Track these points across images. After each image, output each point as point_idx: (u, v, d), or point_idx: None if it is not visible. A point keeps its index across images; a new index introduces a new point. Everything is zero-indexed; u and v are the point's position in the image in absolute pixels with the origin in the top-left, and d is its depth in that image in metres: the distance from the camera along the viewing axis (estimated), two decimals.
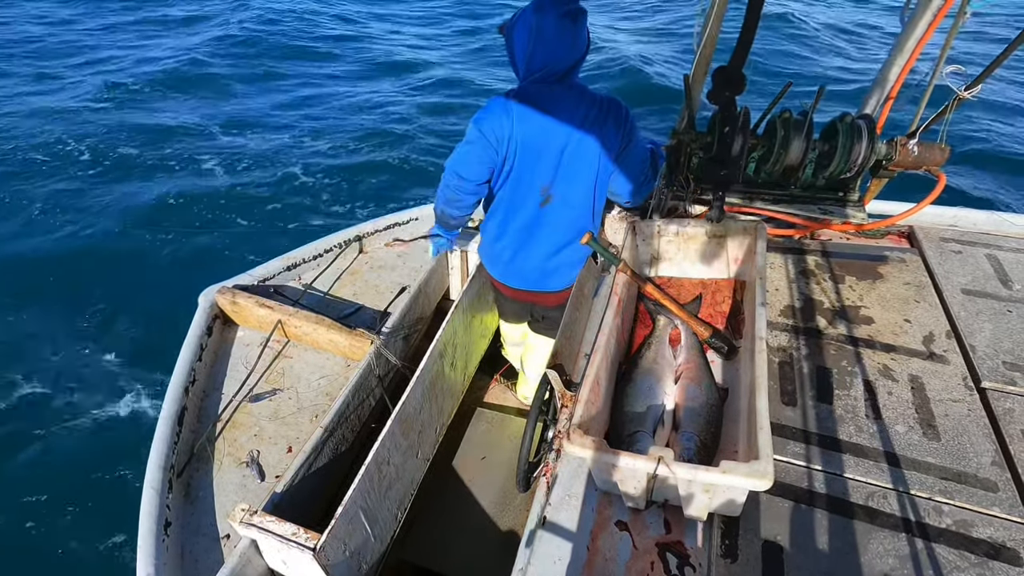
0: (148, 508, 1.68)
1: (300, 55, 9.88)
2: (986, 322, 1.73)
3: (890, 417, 1.46)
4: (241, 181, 6.04)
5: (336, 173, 6.14)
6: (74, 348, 4.11)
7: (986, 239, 2.13)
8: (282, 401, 2.11)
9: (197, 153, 6.54)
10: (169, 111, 7.56)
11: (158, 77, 8.56)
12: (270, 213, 5.55)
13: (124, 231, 5.26)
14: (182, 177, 6.10)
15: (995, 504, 1.25)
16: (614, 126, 1.70)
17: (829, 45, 9.39)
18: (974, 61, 7.83)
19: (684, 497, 1.21)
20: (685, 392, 1.50)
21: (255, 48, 9.94)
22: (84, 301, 4.49)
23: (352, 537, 1.65)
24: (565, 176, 1.75)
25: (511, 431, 2.57)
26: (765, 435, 1.13)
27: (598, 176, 1.76)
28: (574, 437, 1.19)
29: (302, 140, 6.86)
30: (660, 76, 8.40)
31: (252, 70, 9.10)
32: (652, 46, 9.93)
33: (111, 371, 3.97)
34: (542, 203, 1.78)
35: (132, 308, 4.43)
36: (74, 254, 4.91)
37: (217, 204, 5.67)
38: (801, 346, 1.69)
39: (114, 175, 6.08)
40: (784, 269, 2.01)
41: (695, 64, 2.03)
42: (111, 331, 4.26)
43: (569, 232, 1.88)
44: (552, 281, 2.00)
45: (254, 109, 7.74)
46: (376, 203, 5.69)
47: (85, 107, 7.57)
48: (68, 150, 6.49)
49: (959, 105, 1.85)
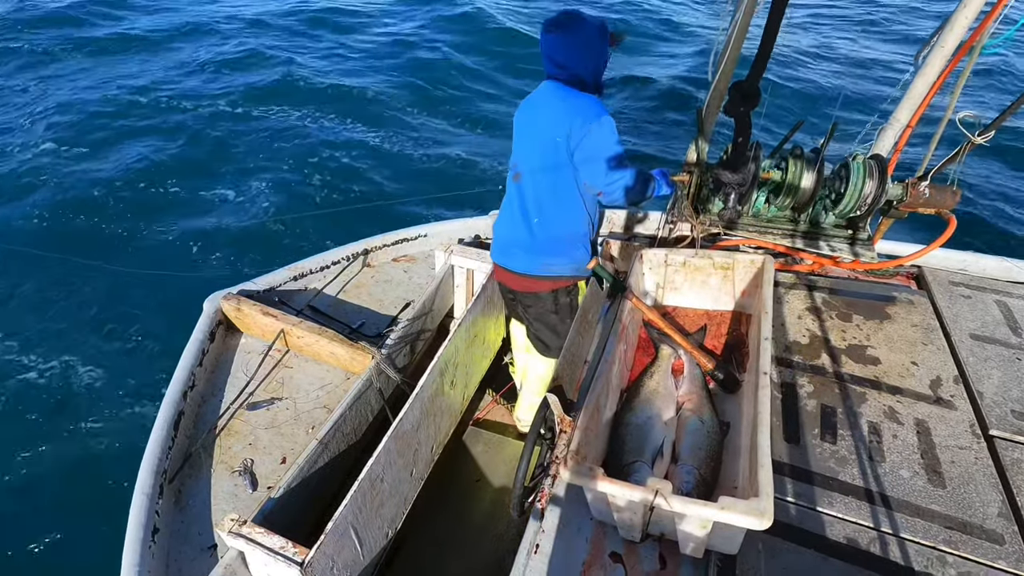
0: (137, 513, 1.66)
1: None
2: (995, 369, 1.71)
3: (895, 461, 1.43)
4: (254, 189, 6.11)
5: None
6: (75, 348, 4.12)
7: (996, 285, 2.12)
8: (279, 411, 2.09)
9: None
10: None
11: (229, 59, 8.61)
12: (277, 222, 5.59)
13: (129, 230, 5.32)
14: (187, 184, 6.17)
15: (1001, 557, 1.21)
16: (568, 117, 1.77)
17: (836, 74, 9.47)
18: (989, 105, 7.90)
19: (680, 532, 1.18)
20: (686, 424, 1.48)
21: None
22: (86, 301, 4.51)
23: (341, 554, 1.62)
24: (525, 154, 1.92)
25: (507, 453, 2.54)
26: (766, 472, 1.11)
27: (547, 153, 1.84)
28: (571, 464, 1.18)
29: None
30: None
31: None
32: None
33: (109, 373, 3.97)
34: (514, 177, 1.97)
35: (131, 309, 4.45)
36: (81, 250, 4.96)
37: (221, 206, 5.73)
38: (806, 383, 1.67)
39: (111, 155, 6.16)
40: (791, 304, 2.00)
41: (708, 98, 2.06)
42: (110, 333, 4.27)
43: (533, 211, 1.92)
44: (516, 261, 2.02)
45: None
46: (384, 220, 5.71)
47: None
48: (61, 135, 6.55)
49: (971, 149, 1.86)
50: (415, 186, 6.23)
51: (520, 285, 2.07)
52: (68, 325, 4.31)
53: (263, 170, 6.39)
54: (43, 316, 4.38)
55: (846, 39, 10.97)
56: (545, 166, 1.86)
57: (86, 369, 3.98)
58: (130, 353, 4.12)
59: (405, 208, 5.87)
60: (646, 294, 1.96)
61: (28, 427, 3.57)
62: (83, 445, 3.48)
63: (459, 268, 2.63)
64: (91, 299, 4.54)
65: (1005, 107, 1.88)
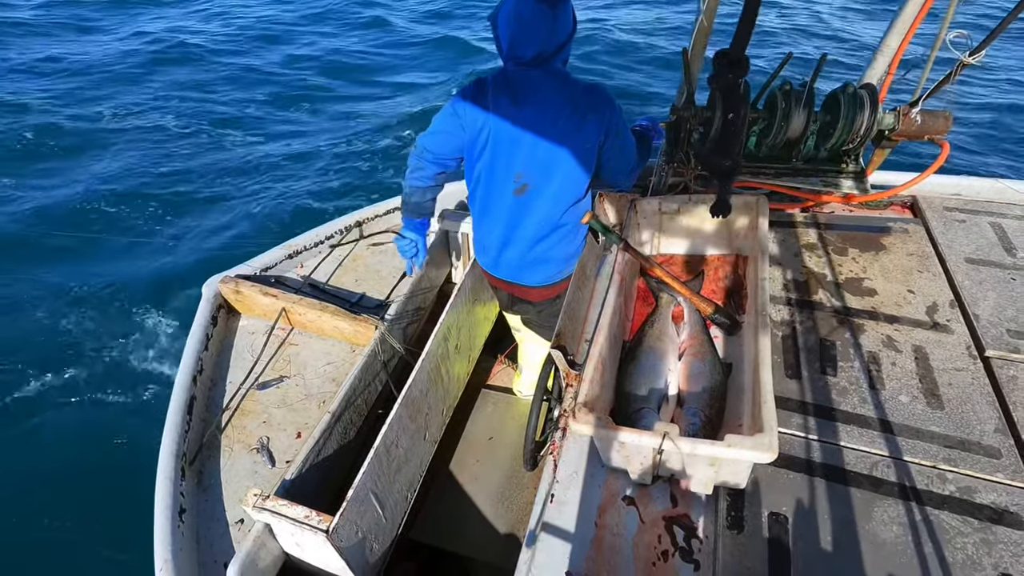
0: (162, 496, 1.70)
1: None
2: (990, 291, 1.73)
3: (894, 388, 1.47)
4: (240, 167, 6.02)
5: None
6: (78, 341, 4.14)
7: (990, 207, 2.12)
8: (289, 388, 2.12)
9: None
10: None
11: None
12: (271, 198, 5.53)
13: (125, 220, 5.26)
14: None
15: (998, 470, 1.26)
16: (595, 116, 1.63)
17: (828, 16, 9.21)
18: (981, 25, 7.70)
19: (690, 472, 1.22)
20: (689, 368, 1.51)
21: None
22: (86, 292, 4.51)
23: (364, 519, 1.68)
24: (540, 167, 1.69)
25: (517, 411, 2.59)
26: (769, 408, 1.14)
27: (576, 168, 1.70)
28: (580, 415, 1.20)
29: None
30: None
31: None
32: None
33: (118, 363, 4.00)
34: (516, 191, 1.74)
35: (133, 298, 4.45)
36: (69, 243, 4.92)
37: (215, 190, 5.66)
38: (804, 319, 1.69)
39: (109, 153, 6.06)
40: (787, 243, 2.00)
41: (694, 38, 2.00)
42: (114, 323, 4.29)
43: (546, 226, 1.80)
44: (530, 275, 1.93)
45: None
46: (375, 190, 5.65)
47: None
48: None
49: (963, 70, 1.82)
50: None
51: (539, 296, 2.02)
52: (64, 317, 4.32)
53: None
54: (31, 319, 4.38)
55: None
56: (561, 170, 1.69)
57: (91, 363, 4.01)
58: (134, 343, 4.14)
59: (393, 179, 5.81)
60: (642, 244, 1.96)
61: (37, 420, 3.61)
62: (92, 436, 3.53)
63: (452, 234, 2.61)
64: (90, 290, 4.53)
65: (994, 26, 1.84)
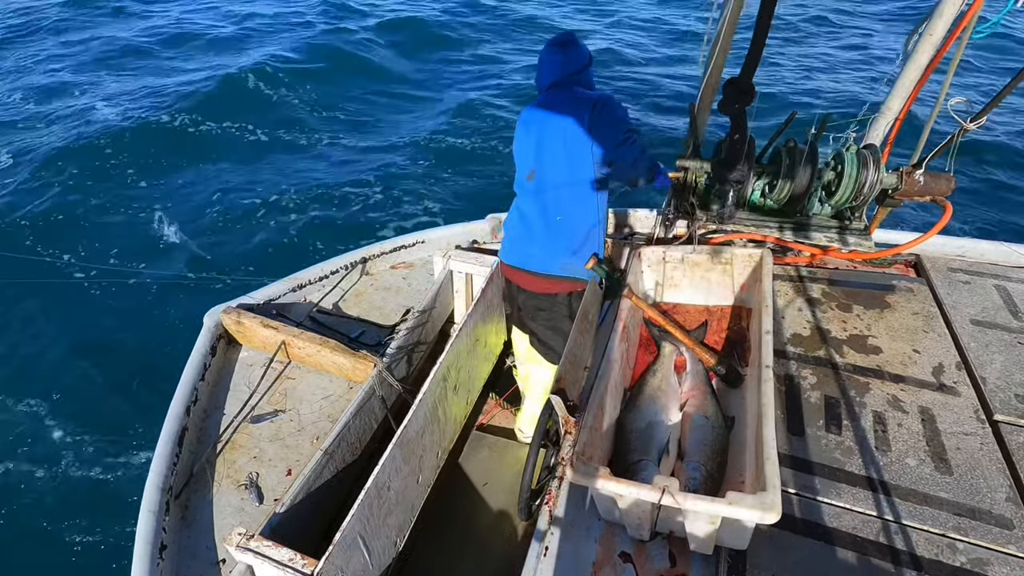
0: (144, 530, 1.65)
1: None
2: (997, 353, 1.71)
3: (900, 450, 1.43)
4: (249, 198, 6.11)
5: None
6: (75, 365, 4.12)
7: (995, 270, 2.12)
8: (283, 423, 2.09)
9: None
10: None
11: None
12: (279, 233, 5.59)
13: (133, 248, 5.31)
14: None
15: (1011, 542, 1.21)
16: (587, 106, 1.89)
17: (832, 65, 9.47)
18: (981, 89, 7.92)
19: (689, 529, 1.18)
20: (690, 420, 1.48)
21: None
22: (87, 320, 4.51)
23: (350, 564, 1.62)
24: (548, 158, 1.98)
25: (513, 457, 2.53)
26: (772, 466, 1.10)
27: (576, 158, 1.93)
28: (577, 465, 1.17)
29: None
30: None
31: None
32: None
33: (111, 390, 3.96)
34: (528, 177, 2.05)
35: (134, 328, 4.45)
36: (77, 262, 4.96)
37: (223, 222, 5.73)
38: (808, 375, 1.67)
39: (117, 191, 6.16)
40: (790, 297, 2.00)
41: (701, 92, 2.06)
42: (113, 351, 4.27)
43: (551, 212, 2.00)
44: (533, 261, 2.07)
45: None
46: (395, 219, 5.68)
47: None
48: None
49: (963, 136, 1.86)
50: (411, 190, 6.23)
51: (538, 286, 2.10)
52: (65, 341, 4.31)
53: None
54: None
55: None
56: (568, 160, 1.95)
57: (85, 387, 3.98)
58: (131, 371, 4.11)
59: (401, 215, 5.88)
60: (646, 292, 1.96)
61: (28, 446, 3.56)
62: (83, 465, 3.47)
63: (458, 273, 2.62)
64: (91, 318, 4.54)
65: (995, 93, 1.89)
